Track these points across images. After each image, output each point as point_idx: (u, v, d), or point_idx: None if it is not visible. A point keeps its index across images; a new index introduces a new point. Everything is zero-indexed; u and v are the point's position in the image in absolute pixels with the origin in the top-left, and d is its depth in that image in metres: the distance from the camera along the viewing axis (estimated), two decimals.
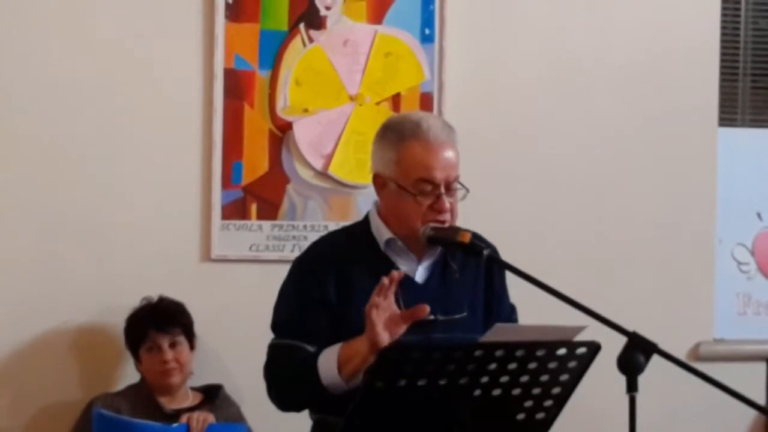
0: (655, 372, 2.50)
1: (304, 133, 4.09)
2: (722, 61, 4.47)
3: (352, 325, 2.69)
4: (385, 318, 2.59)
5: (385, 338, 2.57)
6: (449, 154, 2.74)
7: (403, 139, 2.73)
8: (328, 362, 2.65)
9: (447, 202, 2.72)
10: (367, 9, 4.12)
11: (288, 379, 2.75)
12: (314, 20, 4.10)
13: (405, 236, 2.77)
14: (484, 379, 2.40)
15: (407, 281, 2.77)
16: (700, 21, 4.41)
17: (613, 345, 2.37)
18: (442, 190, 2.71)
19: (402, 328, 2.60)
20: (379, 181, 2.79)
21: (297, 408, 2.82)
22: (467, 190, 2.76)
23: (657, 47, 4.37)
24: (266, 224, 4.07)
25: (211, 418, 3.68)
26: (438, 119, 2.83)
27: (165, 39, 4.03)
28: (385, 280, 2.57)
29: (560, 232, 4.29)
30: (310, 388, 2.67)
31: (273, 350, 2.80)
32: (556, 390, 2.51)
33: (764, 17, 4.61)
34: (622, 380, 2.33)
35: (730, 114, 4.55)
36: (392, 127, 2.78)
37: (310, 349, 2.71)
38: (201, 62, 4.04)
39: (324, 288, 2.75)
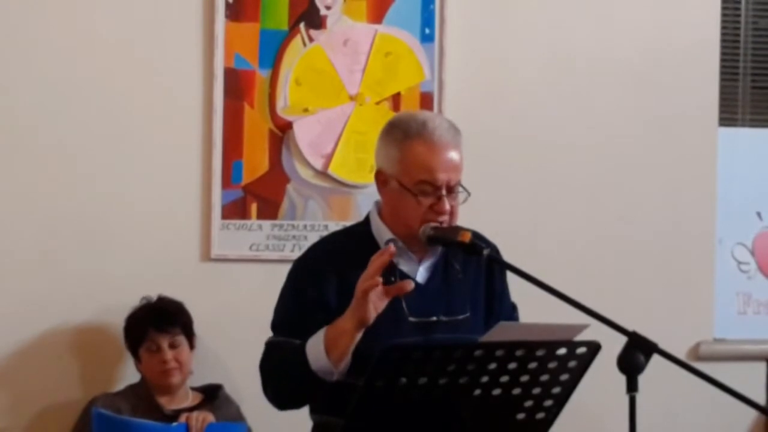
0: (655, 372, 2.50)
1: (304, 132, 4.09)
2: (722, 61, 4.46)
3: None
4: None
5: (372, 314, 2.56)
6: (453, 156, 2.73)
7: (407, 138, 2.73)
8: (316, 346, 2.63)
9: (447, 203, 2.71)
10: (367, 8, 4.12)
11: (279, 371, 2.74)
12: (314, 20, 4.10)
13: (405, 236, 2.77)
14: (485, 379, 2.41)
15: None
16: (700, 21, 4.41)
17: (613, 345, 2.38)
18: (444, 191, 2.71)
19: (384, 302, 2.59)
20: (381, 178, 2.79)
21: (292, 404, 2.81)
22: (468, 194, 2.76)
23: (657, 47, 4.37)
24: (266, 224, 4.07)
25: (210, 418, 3.68)
26: (445, 120, 2.81)
27: (165, 39, 4.03)
28: (386, 257, 2.55)
29: (560, 231, 4.29)
30: (301, 376, 2.65)
31: (267, 347, 2.81)
32: (556, 390, 2.51)
33: (764, 17, 4.61)
34: (622, 380, 2.33)
35: (730, 114, 4.55)
36: (398, 125, 2.77)
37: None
38: (201, 62, 4.04)
39: (323, 290, 2.75)
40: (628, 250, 4.35)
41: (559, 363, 2.46)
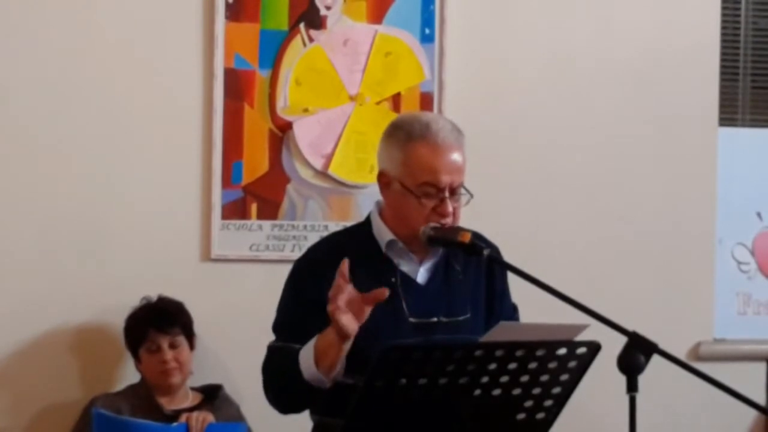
0: (655, 372, 2.50)
1: (304, 132, 4.09)
2: (722, 61, 4.47)
3: None
4: (348, 309, 2.55)
5: (352, 327, 2.55)
6: (456, 157, 2.73)
7: (411, 140, 2.72)
8: (307, 357, 2.63)
9: (450, 205, 2.71)
10: (367, 9, 4.12)
11: (277, 377, 2.75)
12: (314, 20, 4.10)
13: (406, 237, 2.77)
14: (485, 379, 2.41)
15: (409, 283, 2.77)
16: (700, 21, 4.41)
17: (613, 345, 2.38)
18: (447, 193, 2.71)
19: (367, 311, 2.56)
20: (383, 179, 2.78)
21: (292, 409, 2.81)
22: (471, 196, 2.76)
23: (657, 47, 4.37)
24: (266, 224, 4.07)
25: (210, 418, 3.68)
26: (448, 122, 2.80)
27: (165, 39, 4.03)
28: (339, 278, 2.54)
29: (560, 231, 4.29)
30: (296, 384, 2.66)
31: (269, 352, 2.81)
32: (556, 390, 2.51)
33: (764, 17, 4.61)
34: (622, 380, 2.33)
35: (730, 114, 4.55)
36: (401, 127, 2.77)
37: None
38: (201, 62, 4.04)
39: (324, 292, 2.73)
40: (629, 250, 4.35)
41: (559, 363, 2.46)
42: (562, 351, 2.45)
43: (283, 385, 2.73)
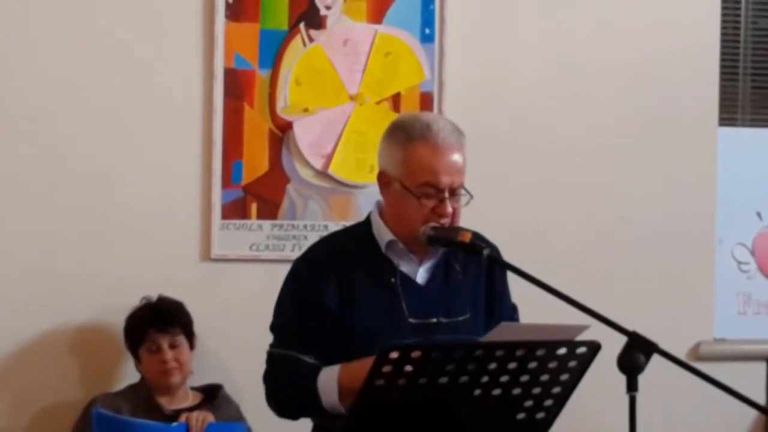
0: (655, 372, 2.50)
1: (304, 132, 4.09)
2: (722, 61, 4.46)
3: (354, 328, 2.70)
4: None
5: None
6: (456, 158, 2.73)
7: (411, 140, 2.72)
8: (329, 389, 2.65)
9: (450, 206, 2.71)
10: (367, 8, 4.12)
11: (287, 394, 2.75)
12: (314, 20, 4.10)
13: (406, 237, 2.76)
14: (485, 379, 2.41)
15: (409, 283, 2.77)
16: (700, 21, 4.41)
17: (613, 345, 2.38)
18: (446, 194, 2.71)
19: None
20: (383, 179, 2.78)
21: (296, 417, 2.82)
22: (471, 196, 2.76)
23: (657, 47, 4.37)
24: (266, 224, 4.07)
25: (210, 418, 3.68)
26: (448, 122, 2.80)
27: (165, 39, 4.03)
28: None
29: (560, 231, 4.29)
30: (310, 406, 2.68)
31: (271, 360, 2.80)
32: (556, 389, 2.51)
33: (764, 17, 4.61)
34: (622, 380, 2.33)
35: (730, 114, 4.55)
36: (402, 127, 2.77)
37: (308, 360, 2.70)
38: (201, 62, 4.04)
39: (323, 293, 2.74)
40: (629, 250, 4.35)
41: (559, 363, 2.46)
42: (562, 351, 2.45)
43: (294, 400, 2.73)
